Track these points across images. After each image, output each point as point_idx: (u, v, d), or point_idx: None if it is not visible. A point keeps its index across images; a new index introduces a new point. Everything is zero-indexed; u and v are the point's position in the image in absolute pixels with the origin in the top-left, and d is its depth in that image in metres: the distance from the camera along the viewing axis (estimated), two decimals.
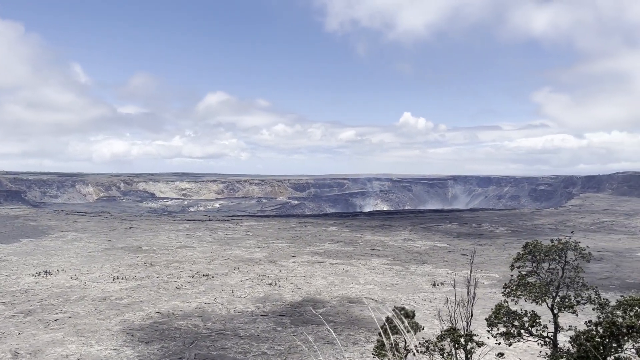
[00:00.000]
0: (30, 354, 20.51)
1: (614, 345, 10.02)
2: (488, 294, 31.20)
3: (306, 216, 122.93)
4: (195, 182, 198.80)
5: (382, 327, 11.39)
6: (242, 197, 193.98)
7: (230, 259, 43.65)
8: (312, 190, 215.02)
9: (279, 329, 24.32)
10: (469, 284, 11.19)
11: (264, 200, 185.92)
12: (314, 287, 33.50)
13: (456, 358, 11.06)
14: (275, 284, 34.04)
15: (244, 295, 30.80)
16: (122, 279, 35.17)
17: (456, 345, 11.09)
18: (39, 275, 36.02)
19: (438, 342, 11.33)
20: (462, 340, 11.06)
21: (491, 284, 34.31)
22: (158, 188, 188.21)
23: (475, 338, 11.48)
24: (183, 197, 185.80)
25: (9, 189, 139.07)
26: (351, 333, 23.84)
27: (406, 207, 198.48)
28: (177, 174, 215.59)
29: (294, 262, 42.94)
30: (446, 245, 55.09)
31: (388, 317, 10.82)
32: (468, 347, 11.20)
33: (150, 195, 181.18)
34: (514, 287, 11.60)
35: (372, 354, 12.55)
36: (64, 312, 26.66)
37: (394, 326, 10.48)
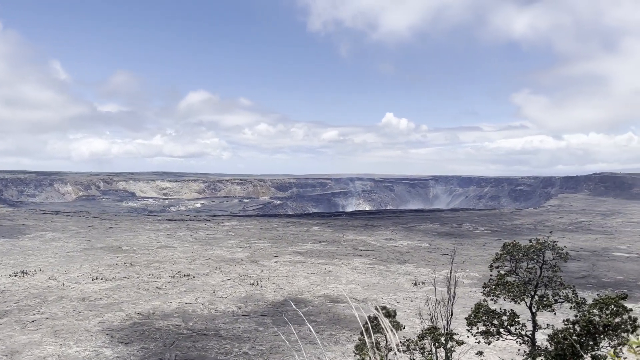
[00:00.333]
0: (6, 355, 20.12)
1: (591, 343, 10.21)
2: (468, 293, 31.54)
3: (289, 216, 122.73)
4: (176, 181, 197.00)
5: (364, 327, 11.44)
6: (224, 196, 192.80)
7: (211, 259, 43.38)
8: (295, 190, 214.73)
9: (261, 329, 24.25)
10: (449, 283, 11.30)
11: (246, 200, 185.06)
12: (296, 287, 33.48)
13: (436, 357, 11.16)
14: (257, 284, 33.93)
15: (226, 296, 30.64)
16: (102, 279, 34.71)
17: (436, 344, 11.19)
18: (15, 275, 35.34)
19: (419, 340, 11.43)
20: (443, 339, 11.17)
21: (471, 283, 34.68)
22: (138, 187, 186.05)
23: (456, 337, 11.60)
24: (164, 197, 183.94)
25: None
26: (333, 332, 23.88)
27: (388, 207, 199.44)
28: (158, 173, 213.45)
29: (276, 262, 42.86)
30: (427, 244, 55.51)
31: (369, 317, 10.88)
32: (448, 345, 11.31)
33: (130, 195, 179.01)
34: (493, 287, 11.75)
35: (354, 352, 12.61)
36: (42, 313, 26.21)
37: (375, 325, 10.54)
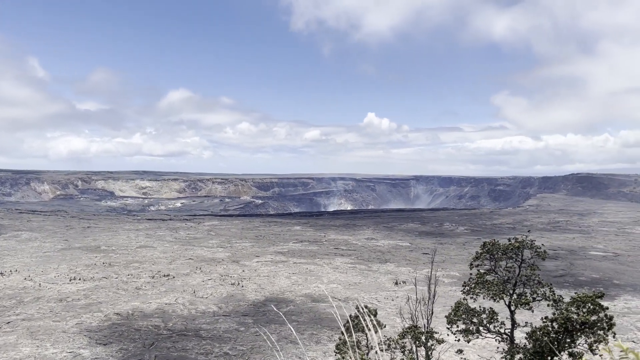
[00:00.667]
0: None
1: (568, 340, 10.37)
2: (448, 292, 31.81)
3: (270, 215, 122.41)
4: (156, 180, 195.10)
5: (345, 326, 11.44)
6: (205, 196, 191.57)
7: (192, 259, 43.03)
8: (277, 189, 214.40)
9: (242, 329, 24.12)
10: (429, 282, 11.37)
11: (227, 200, 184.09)
12: (278, 286, 33.39)
13: (417, 355, 11.22)
14: (238, 283, 33.75)
15: (206, 296, 30.41)
16: (79, 279, 34.16)
17: (417, 342, 11.25)
18: None
19: (399, 339, 11.47)
20: (423, 338, 11.23)
21: (451, 282, 34.99)
22: (117, 186, 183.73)
23: (436, 335, 11.68)
24: (143, 196, 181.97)
25: None
26: (314, 332, 23.87)
27: (370, 207, 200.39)
28: (138, 172, 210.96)
29: (258, 261, 42.70)
30: (408, 244, 55.87)
31: (350, 316, 10.88)
32: (428, 344, 11.37)
33: (109, 194, 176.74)
34: (473, 285, 11.86)
35: (334, 352, 12.61)
36: (17, 315, 25.69)
37: (356, 324, 10.56)
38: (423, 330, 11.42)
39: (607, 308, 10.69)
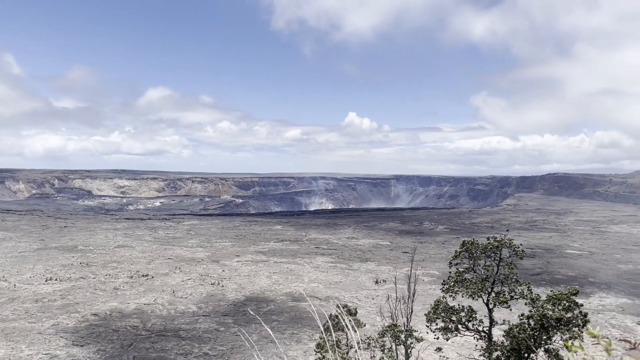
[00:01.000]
0: None
1: (544, 337, 10.55)
2: (428, 290, 32.08)
3: (251, 215, 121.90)
4: (135, 179, 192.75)
5: (325, 325, 11.45)
6: (184, 195, 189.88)
7: (171, 259, 42.61)
8: (257, 188, 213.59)
9: (222, 329, 23.98)
10: (409, 281, 11.46)
11: (207, 199, 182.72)
12: (258, 286, 33.27)
13: (396, 354, 11.29)
14: (218, 283, 33.54)
15: (186, 296, 30.15)
16: (56, 279, 33.56)
17: (396, 340, 11.33)
18: None
19: (379, 338, 11.53)
20: (402, 336, 11.31)
21: (431, 281, 35.29)
22: (95, 185, 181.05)
23: (415, 334, 11.77)
24: (122, 195, 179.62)
25: None
26: (295, 331, 23.85)
27: (350, 206, 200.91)
28: (116, 171, 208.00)
29: (238, 261, 42.48)
30: (388, 243, 56.17)
31: (330, 315, 10.91)
32: (408, 342, 11.46)
33: (86, 193, 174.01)
34: (452, 284, 11.98)
35: (315, 351, 12.61)
36: None
37: (336, 323, 10.58)
38: (402, 328, 11.50)
39: (582, 305, 10.90)
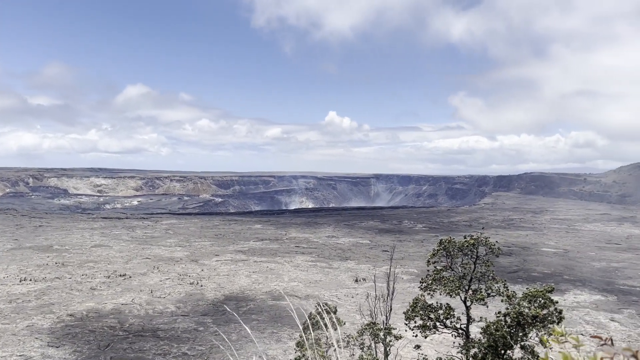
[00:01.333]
0: None
1: (520, 334, 10.72)
2: (407, 288, 32.33)
3: (230, 214, 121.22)
4: (112, 178, 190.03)
5: (304, 324, 11.46)
6: (162, 194, 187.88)
7: (149, 259, 42.14)
8: (237, 187, 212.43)
9: (201, 329, 23.81)
10: (388, 279, 11.53)
11: (185, 198, 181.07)
12: (238, 285, 33.12)
13: (375, 352, 11.36)
14: (197, 283, 33.29)
15: (164, 295, 29.85)
16: (30, 280, 32.91)
17: (375, 339, 11.39)
18: None
19: (358, 336, 11.58)
20: (382, 334, 11.38)
21: (410, 279, 35.57)
22: (71, 184, 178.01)
23: (394, 331, 11.85)
24: (98, 194, 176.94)
25: None
26: (275, 330, 23.81)
27: (331, 205, 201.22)
28: (93, 169, 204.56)
29: (217, 260, 42.23)
30: (368, 241, 56.44)
31: (310, 314, 10.91)
32: (387, 340, 11.53)
33: (62, 192, 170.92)
34: (430, 282, 12.10)
35: (294, 349, 12.61)
36: None
37: (315, 322, 10.59)
38: (382, 326, 11.57)
39: (557, 302, 11.11)
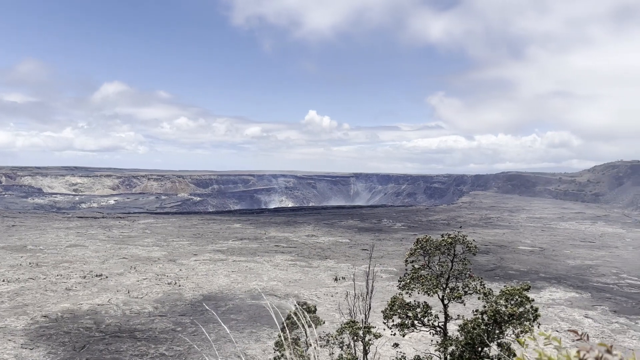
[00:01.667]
0: None
1: (497, 331, 10.87)
2: (386, 287, 32.51)
3: (209, 213, 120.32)
4: (88, 176, 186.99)
5: (282, 324, 11.43)
6: (140, 193, 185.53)
7: (126, 258, 41.56)
8: (216, 186, 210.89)
9: (179, 329, 23.58)
10: (367, 277, 11.55)
11: (163, 197, 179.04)
12: (216, 285, 32.90)
13: (355, 350, 11.38)
14: (175, 283, 32.96)
15: (141, 296, 29.48)
16: (3, 281, 32.17)
17: (355, 337, 11.41)
18: None
19: (338, 335, 11.59)
20: (361, 333, 11.40)
21: (389, 277, 35.77)
22: (46, 182, 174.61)
23: (373, 330, 11.88)
24: (74, 193, 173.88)
25: None
26: (254, 330, 23.72)
27: (310, 204, 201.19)
28: (68, 168, 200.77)
29: (195, 260, 41.87)
30: (348, 240, 56.59)
31: (289, 313, 10.88)
32: (366, 339, 11.56)
33: (37, 191, 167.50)
34: (408, 280, 12.17)
35: (273, 349, 12.57)
36: None
37: (294, 321, 10.55)
38: (361, 325, 11.59)
39: (533, 300, 11.29)
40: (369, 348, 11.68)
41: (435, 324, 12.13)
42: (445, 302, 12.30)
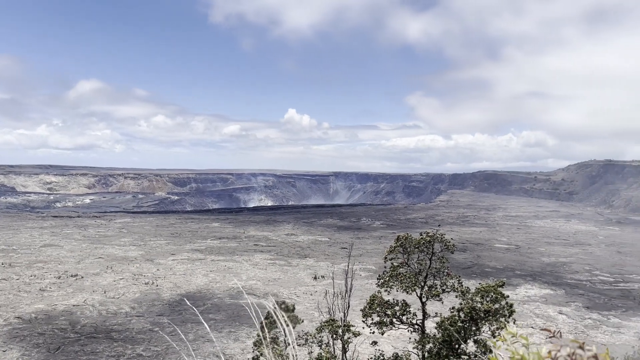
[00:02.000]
0: None
1: (474, 328, 11.03)
2: (365, 285, 32.67)
3: (187, 212, 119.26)
4: (63, 175, 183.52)
5: (262, 323, 11.41)
6: (116, 192, 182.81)
7: (102, 258, 40.94)
8: (194, 185, 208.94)
9: (156, 329, 23.33)
10: (347, 276, 11.61)
11: (140, 196, 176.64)
12: (194, 284, 32.64)
13: (334, 349, 11.43)
14: (153, 282, 32.60)
15: (118, 296, 29.09)
16: None
17: (334, 336, 11.46)
18: None
19: (317, 334, 11.62)
20: (340, 331, 11.46)
21: (368, 275, 35.95)
22: (19, 181, 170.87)
23: (352, 328, 11.95)
24: (49, 192, 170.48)
25: None
26: (232, 329, 23.61)
27: (290, 202, 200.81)
28: (42, 166, 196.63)
29: (173, 259, 41.46)
30: (327, 239, 56.69)
31: (268, 312, 10.87)
32: (345, 337, 11.62)
33: (9, 189, 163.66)
34: (387, 278, 12.27)
35: (252, 348, 12.54)
36: None
37: (273, 321, 10.55)
38: (340, 323, 11.65)
39: (508, 296, 11.49)
40: (348, 346, 11.75)
41: (414, 321, 12.26)
42: (424, 300, 12.44)
